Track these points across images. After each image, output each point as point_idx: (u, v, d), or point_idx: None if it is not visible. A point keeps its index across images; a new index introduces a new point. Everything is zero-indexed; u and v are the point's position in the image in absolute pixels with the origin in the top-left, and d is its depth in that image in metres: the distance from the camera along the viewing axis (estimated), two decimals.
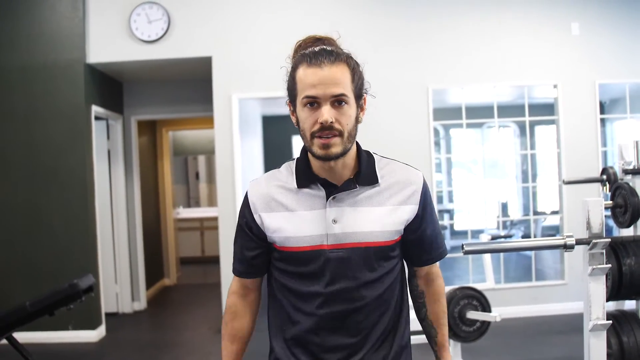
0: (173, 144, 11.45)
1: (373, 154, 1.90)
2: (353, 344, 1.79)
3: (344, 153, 1.73)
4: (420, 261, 1.92)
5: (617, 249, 3.99)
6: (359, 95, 1.79)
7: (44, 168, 6.36)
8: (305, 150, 1.82)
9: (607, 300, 3.64)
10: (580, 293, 3.08)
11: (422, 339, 5.72)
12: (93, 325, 6.46)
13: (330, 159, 1.72)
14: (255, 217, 1.81)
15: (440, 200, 9.49)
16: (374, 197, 1.79)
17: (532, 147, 7.26)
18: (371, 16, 6.67)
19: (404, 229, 1.82)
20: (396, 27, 6.67)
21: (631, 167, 4.13)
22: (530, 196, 7.32)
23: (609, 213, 4.21)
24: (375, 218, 1.76)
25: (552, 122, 7.01)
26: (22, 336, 4.30)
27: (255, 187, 1.85)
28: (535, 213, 9.60)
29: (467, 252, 2.40)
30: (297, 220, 1.76)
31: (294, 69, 1.75)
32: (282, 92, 1.86)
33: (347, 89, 1.72)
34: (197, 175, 13.04)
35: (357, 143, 1.84)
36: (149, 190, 8.79)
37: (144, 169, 8.42)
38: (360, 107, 1.81)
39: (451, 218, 10.74)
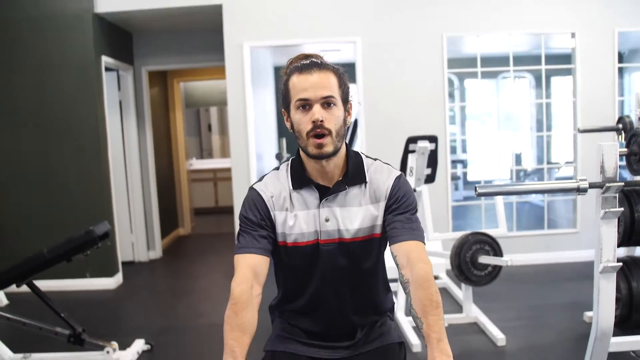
0: (185, 95, 11.44)
1: (361, 154, 2.08)
2: (338, 316, 2.08)
3: (335, 152, 1.93)
4: (394, 238, 1.97)
5: (630, 196, 4.01)
6: (345, 99, 1.98)
7: (56, 119, 6.38)
8: (299, 155, 2.04)
9: (618, 245, 3.67)
10: (592, 241, 3.10)
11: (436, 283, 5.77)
12: (110, 273, 6.57)
13: (323, 158, 1.92)
14: (271, 213, 2.00)
15: (453, 150, 9.48)
16: (360, 197, 2.00)
17: (548, 97, 7.17)
18: None
19: (384, 220, 2.01)
20: None
21: None
22: (545, 146, 7.28)
23: (623, 163, 4.21)
24: (361, 215, 1.99)
25: (568, 72, 6.91)
26: (42, 284, 4.40)
27: (263, 187, 2.03)
28: (549, 163, 9.58)
29: (479, 194, 2.41)
30: (296, 219, 1.98)
31: (287, 78, 1.97)
32: (294, 40, 1.99)
33: (334, 92, 1.92)
34: (209, 127, 13.05)
35: (346, 144, 2.03)
36: (162, 141, 8.83)
37: (156, 120, 8.44)
38: (347, 110, 1.99)
39: (464, 167, 10.73)
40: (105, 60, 6.68)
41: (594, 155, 2.97)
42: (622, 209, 3.03)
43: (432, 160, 5.19)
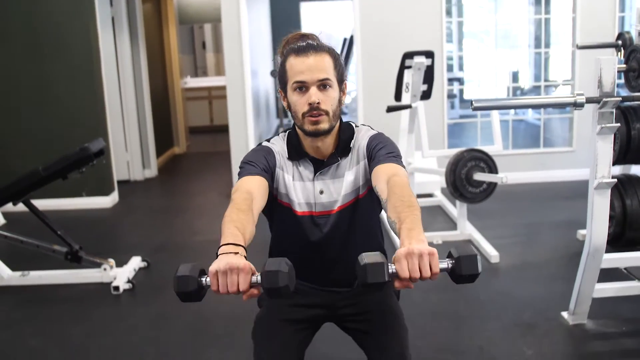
0: (178, 11, 11.22)
1: (352, 126, 2.10)
2: (336, 271, 2.12)
3: (330, 129, 1.98)
4: (375, 177, 1.93)
5: (627, 113, 3.99)
6: (340, 80, 2.01)
7: (48, 37, 6.25)
8: (295, 128, 2.08)
9: (614, 164, 3.67)
10: (588, 160, 3.11)
11: (428, 201, 5.81)
12: (106, 192, 6.59)
13: (319, 134, 1.96)
14: (277, 169, 2.03)
15: (450, 68, 9.38)
16: (349, 164, 2.05)
17: (547, 13, 7.04)
18: None
19: (371, 171, 2.00)
20: None
21: None
22: (542, 64, 7.21)
23: (621, 80, 4.17)
24: (350, 181, 2.03)
25: None
26: (38, 203, 4.42)
27: (272, 145, 2.08)
28: (547, 81, 9.52)
29: (476, 108, 2.40)
30: (293, 188, 2.04)
31: (284, 59, 1.99)
32: None
33: (330, 74, 1.94)
34: (203, 45, 12.87)
35: (340, 120, 2.05)
36: (156, 59, 8.71)
37: (150, 38, 8.30)
38: (342, 90, 2.02)
39: (461, 85, 10.66)
40: None
41: (593, 72, 2.94)
42: (618, 124, 3.02)
43: (429, 76, 5.14)
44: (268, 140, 2.11)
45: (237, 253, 1.53)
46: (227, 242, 1.57)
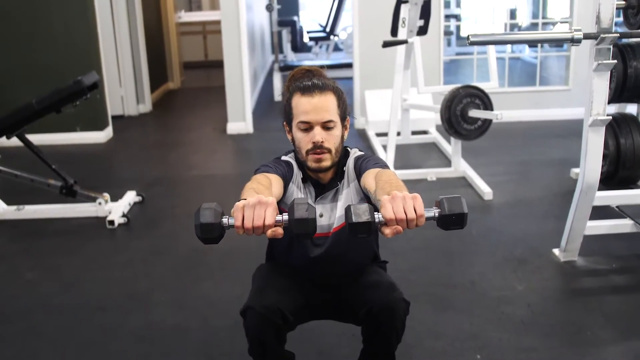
0: None
1: (349, 151, 2.18)
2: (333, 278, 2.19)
3: (332, 166, 2.08)
4: (363, 172, 2.02)
5: (624, 51, 3.96)
6: (343, 117, 2.08)
7: None
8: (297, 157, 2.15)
9: (610, 102, 3.66)
10: (583, 99, 3.10)
11: (423, 138, 5.80)
12: (100, 127, 6.56)
13: (321, 171, 2.07)
14: (293, 179, 2.10)
15: (447, 5, 9.26)
16: (342, 188, 2.12)
17: None
18: None
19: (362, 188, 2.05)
20: None
21: None
22: (540, 1, 7.11)
23: (620, 19, 4.12)
24: (343, 203, 2.10)
25: None
26: (32, 137, 4.41)
27: (293, 162, 2.14)
28: (544, 19, 9.41)
29: (472, 43, 2.38)
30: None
31: (290, 96, 2.06)
32: None
33: (333, 115, 2.02)
34: None
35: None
36: None
37: None
38: (344, 127, 2.11)
39: (458, 21, 10.54)
40: None
41: (591, 10, 2.91)
42: (615, 61, 3.00)
43: (425, 11, 5.08)
44: (286, 155, 2.18)
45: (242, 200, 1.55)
46: (243, 198, 1.58)
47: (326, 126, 2.01)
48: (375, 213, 1.47)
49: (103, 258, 3.77)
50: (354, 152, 2.17)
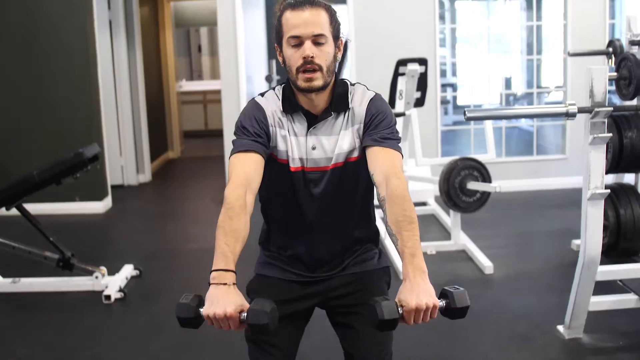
0: (175, 15, 11.22)
1: (346, 82, 2.09)
2: (327, 241, 2.10)
3: (324, 86, 1.96)
4: (371, 155, 1.99)
5: (619, 122, 3.99)
6: (336, 36, 2.00)
7: (44, 38, 6.24)
8: (286, 85, 2.07)
9: (607, 172, 3.67)
10: (581, 168, 3.10)
11: (422, 210, 5.76)
12: (99, 197, 6.57)
13: (313, 91, 1.95)
14: (270, 128, 2.02)
15: (443, 74, 9.37)
16: (345, 123, 2.03)
17: (539, 19, 7.06)
18: None
19: (362, 142, 2.03)
20: None
21: (638, 38, 4.05)
22: (535, 70, 7.23)
23: (613, 88, 4.17)
24: (344, 141, 2.02)
25: None
26: (31, 207, 4.40)
27: (265, 101, 2.06)
28: (539, 87, 9.53)
29: (469, 118, 2.40)
30: (287, 143, 2.02)
31: (280, 14, 1.99)
32: None
33: (325, 30, 1.94)
34: (199, 48, 12.86)
35: (335, 76, 2.04)
36: (152, 62, 8.69)
37: (146, 40, 8.29)
38: (337, 47, 2.01)
39: (454, 91, 10.66)
40: None
41: (584, 78, 2.95)
42: (610, 134, 3.02)
43: (422, 83, 5.14)
44: (262, 95, 2.09)
45: (226, 284, 1.69)
46: (217, 268, 1.72)
47: (317, 41, 1.93)
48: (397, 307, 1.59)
49: (98, 334, 3.72)
50: (364, 91, 2.07)
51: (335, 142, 2.02)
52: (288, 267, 2.14)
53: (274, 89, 2.10)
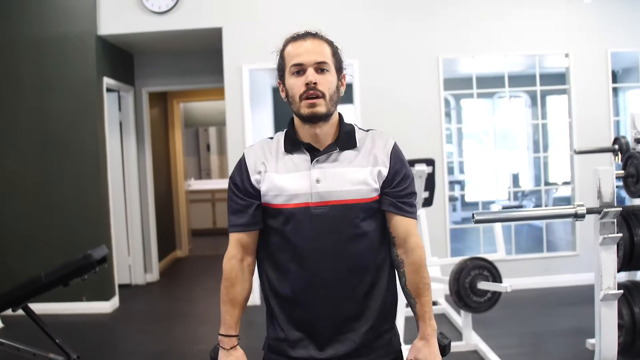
0: (184, 115, 11.46)
1: (353, 125, 2.09)
2: (336, 301, 1.99)
3: (327, 115, 1.95)
4: (393, 212, 2.01)
5: (628, 219, 3.98)
6: (339, 68, 2.02)
7: (56, 141, 6.37)
8: (292, 122, 2.05)
9: (619, 270, 3.63)
10: (592, 264, 3.08)
11: (434, 309, 5.67)
12: (106, 297, 6.52)
13: (316, 118, 1.94)
14: (253, 178, 2.01)
15: (451, 171, 9.46)
16: (354, 159, 1.99)
17: (544, 117, 7.19)
18: None
19: (381, 188, 2.01)
20: None
21: None
22: (542, 167, 7.28)
23: (620, 183, 4.19)
24: (355, 177, 1.97)
25: (563, 91, 6.94)
26: (37, 307, 4.35)
27: (252, 151, 2.06)
28: (547, 184, 9.58)
29: (477, 221, 2.40)
30: (286, 180, 1.97)
31: (282, 49, 2.01)
32: None
33: (328, 58, 1.97)
34: (208, 147, 13.06)
35: (340, 115, 2.05)
36: (161, 162, 8.82)
37: (156, 140, 8.44)
38: (340, 80, 2.02)
39: (462, 189, 10.71)
40: (107, 81, 6.69)
41: (591, 176, 2.96)
42: (620, 234, 3.00)
43: (430, 183, 5.17)
44: (252, 145, 2.10)
45: (225, 348, 2.08)
46: (220, 333, 2.09)
47: (320, 68, 1.94)
48: None
49: None
50: (380, 133, 2.07)
51: (343, 176, 1.96)
52: (293, 352, 2.03)
53: (275, 135, 2.10)
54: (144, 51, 7.66)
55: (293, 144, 2.01)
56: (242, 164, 2.04)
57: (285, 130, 2.07)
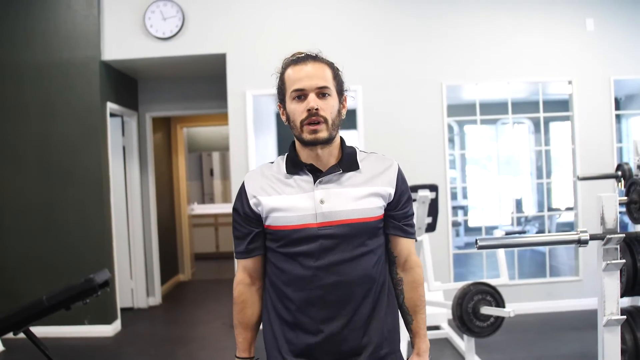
0: (187, 140, 11.50)
1: (355, 147, 2.11)
2: (339, 320, 1.96)
3: (329, 139, 1.96)
4: (395, 232, 2.06)
5: (631, 245, 3.98)
6: (340, 91, 2.01)
7: (59, 165, 6.41)
8: (293, 145, 2.06)
9: (622, 296, 3.62)
10: (595, 289, 3.07)
11: (435, 334, 5.66)
12: (109, 320, 6.51)
13: (318, 143, 1.94)
14: (251, 202, 2.00)
15: (454, 196, 9.46)
16: (357, 180, 1.99)
17: (547, 143, 7.21)
18: (385, 12, 6.66)
19: (386, 209, 2.03)
20: (409, 24, 6.66)
21: None
22: (545, 192, 7.27)
23: (624, 210, 4.19)
24: (359, 197, 1.96)
25: (566, 118, 6.97)
26: (39, 330, 4.35)
27: (251, 176, 2.06)
28: (550, 209, 9.57)
29: (480, 247, 2.40)
30: (289, 202, 1.96)
31: (282, 72, 2.00)
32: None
33: (329, 83, 1.95)
34: (211, 172, 13.08)
35: (341, 138, 2.06)
36: (164, 186, 8.84)
37: (159, 165, 8.47)
38: (342, 103, 2.02)
39: (465, 214, 10.70)
40: (110, 106, 6.74)
41: (594, 202, 2.96)
42: (624, 260, 3.00)
43: (433, 208, 5.18)
44: (241, 186, 2.07)
45: None
46: (238, 356, 2.15)
47: (322, 92, 1.93)
48: None
49: None
50: (383, 155, 2.12)
51: (348, 196, 1.95)
52: None
53: (275, 159, 2.10)
54: (147, 76, 7.72)
55: (295, 166, 2.00)
56: (241, 191, 2.05)
57: (286, 153, 2.07)
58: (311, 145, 1.96)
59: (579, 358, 4.98)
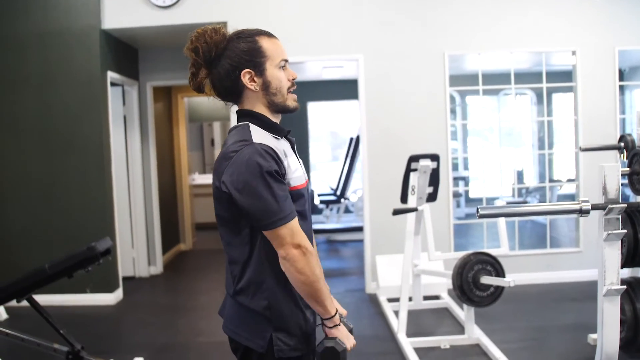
0: (188, 110, 11.46)
1: None
2: None
3: None
4: None
5: (633, 216, 3.99)
6: None
7: (60, 135, 6.40)
8: (261, 116, 2.09)
9: (622, 267, 3.64)
10: (595, 261, 3.07)
11: (435, 304, 5.69)
12: (110, 289, 6.55)
13: (296, 110, 2.15)
14: (285, 163, 2.01)
15: (455, 167, 9.45)
16: None
17: (549, 114, 7.18)
18: None
19: None
20: None
21: None
22: (547, 164, 7.27)
23: (625, 181, 4.19)
24: None
25: (569, 89, 6.93)
26: (42, 298, 4.38)
27: (268, 141, 2.01)
28: (551, 181, 9.57)
29: (481, 216, 2.40)
30: (295, 162, 2.08)
31: (254, 40, 2.06)
32: (298, 57, 2.17)
33: None
34: (212, 142, 13.06)
35: None
36: (165, 156, 8.83)
37: (160, 135, 8.45)
38: None
39: (466, 185, 10.71)
40: (111, 75, 6.70)
41: (596, 173, 2.96)
42: (625, 230, 3.00)
43: (434, 178, 5.18)
44: (249, 139, 1.99)
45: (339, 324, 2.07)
46: (333, 313, 2.04)
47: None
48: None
49: None
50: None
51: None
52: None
53: (246, 128, 2.05)
54: (148, 45, 7.67)
55: (280, 132, 2.11)
56: (269, 151, 1.95)
57: (254, 126, 2.06)
58: (289, 112, 2.14)
59: (578, 328, 5.01)
